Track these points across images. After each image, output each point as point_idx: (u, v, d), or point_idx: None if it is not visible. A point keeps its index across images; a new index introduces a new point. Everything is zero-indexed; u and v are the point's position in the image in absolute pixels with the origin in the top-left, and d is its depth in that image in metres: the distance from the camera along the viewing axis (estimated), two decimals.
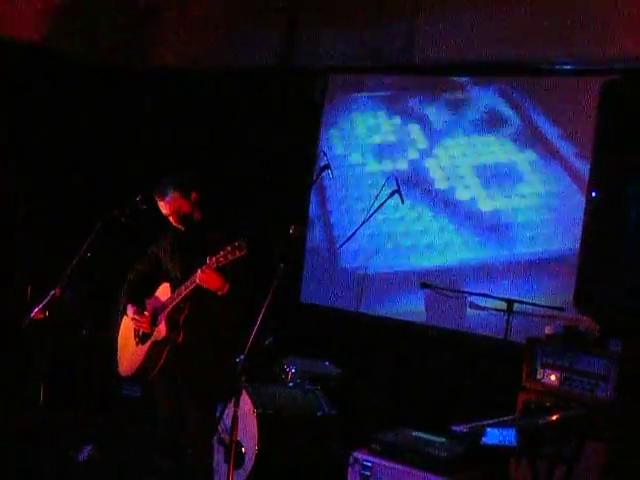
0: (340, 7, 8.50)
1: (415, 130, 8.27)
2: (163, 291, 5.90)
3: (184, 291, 5.65)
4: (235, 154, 8.85)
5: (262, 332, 5.19)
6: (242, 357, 5.22)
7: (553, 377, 6.29)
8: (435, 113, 8.17)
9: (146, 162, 9.15)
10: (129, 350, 5.99)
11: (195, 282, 5.54)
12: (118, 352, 6.14)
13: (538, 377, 6.37)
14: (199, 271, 5.48)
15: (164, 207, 5.85)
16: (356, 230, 7.76)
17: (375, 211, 7.71)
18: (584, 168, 7.22)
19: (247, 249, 5.28)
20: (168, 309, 5.74)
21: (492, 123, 7.84)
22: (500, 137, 7.79)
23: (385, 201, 7.64)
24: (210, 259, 5.41)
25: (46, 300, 5.90)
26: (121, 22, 9.16)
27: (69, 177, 8.81)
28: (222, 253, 5.35)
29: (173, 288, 5.80)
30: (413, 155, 8.25)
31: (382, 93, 8.50)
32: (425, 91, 8.26)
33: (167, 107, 9.31)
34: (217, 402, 5.75)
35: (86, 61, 8.95)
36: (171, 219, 5.88)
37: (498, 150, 7.78)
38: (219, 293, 5.60)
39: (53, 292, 5.92)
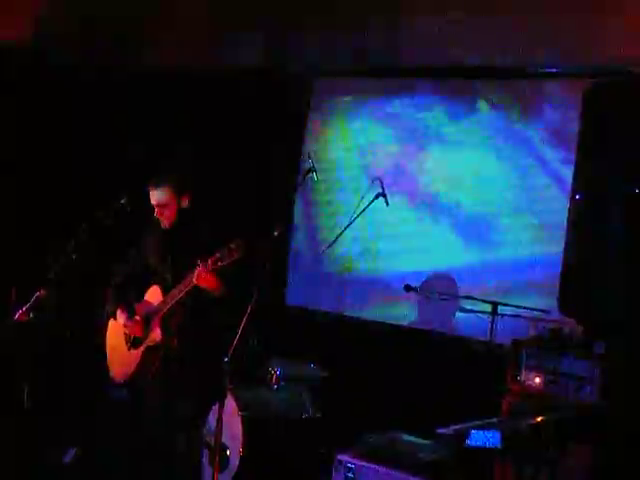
0: (325, 10, 8.48)
1: (400, 133, 8.27)
2: (153, 294, 5.88)
3: (178, 294, 5.63)
4: (219, 157, 8.79)
5: (247, 334, 5.16)
6: (227, 359, 5.19)
7: (537, 379, 6.26)
8: (420, 116, 8.16)
9: (131, 163, 9.10)
10: (120, 355, 5.95)
11: (192, 283, 5.51)
12: (108, 358, 6.09)
13: (523, 379, 6.34)
14: (196, 272, 5.44)
15: (156, 196, 5.81)
16: (340, 233, 7.76)
17: (359, 214, 7.72)
18: (568, 172, 7.23)
19: (242, 252, 5.28)
20: (161, 313, 5.71)
21: (476, 127, 7.84)
22: (484, 141, 7.79)
23: (369, 204, 7.65)
24: (206, 260, 5.37)
25: (31, 302, 5.87)
26: (107, 23, 9.10)
27: (55, 178, 8.76)
28: (219, 255, 5.33)
29: (164, 291, 5.76)
30: (398, 158, 8.24)
31: (367, 96, 8.51)
32: (409, 94, 8.25)
33: (151, 109, 9.26)
34: (209, 402, 5.74)
35: (70, 62, 8.89)
36: (158, 212, 5.83)
37: (482, 153, 7.78)
38: (215, 293, 5.58)
39: (38, 294, 5.89)
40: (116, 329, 6.05)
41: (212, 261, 5.36)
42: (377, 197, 7.62)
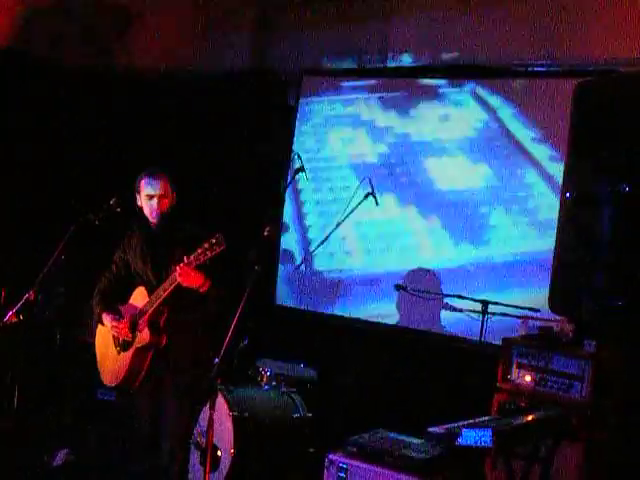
0: (313, 9, 8.49)
1: (390, 132, 8.27)
2: (139, 296, 5.83)
3: (163, 293, 5.58)
4: (209, 158, 8.79)
5: (237, 334, 5.16)
6: (217, 360, 5.18)
7: (528, 378, 6.26)
8: (409, 115, 8.16)
9: (118, 165, 9.07)
10: (111, 359, 5.91)
11: (175, 282, 5.48)
12: (98, 362, 6.06)
13: (513, 378, 6.34)
14: (178, 270, 5.42)
15: (155, 186, 5.76)
16: (330, 233, 7.77)
17: (349, 214, 7.77)
18: (558, 170, 7.18)
19: (224, 245, 5.25)
20: (148, 313, 5.67)
21: (466, 125, 7.85)
22: (474, 139, 7.80)
23: (359, 204, 7.69)
24: (188, 257, 5.35)
25: (20, 304, 5.84)
26: (91, 25, 9.07)
27: (43, 179, 8.73)
28: (200, 250, 5.30)
29: (149, 291, 5.73)
30: (388, 158, 8.25)
31: (356, 95, 8.51)
32: (400, 93, 8.25)
33: (138, 111, 9.24)
34: (197, 402, 5.72)
35: (55, 64, 8.87)
36: (156, 203, 5.76)
37: (472, 152, 7.80)
38: (201, 290, 5.55)
39: (27, 295, 5.87)
40: (104, 334, 6.01)
41: (194, 257, 5.34)
42: (367, 197, 7.69)
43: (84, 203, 6.31)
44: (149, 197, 5.77)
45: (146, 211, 5.83)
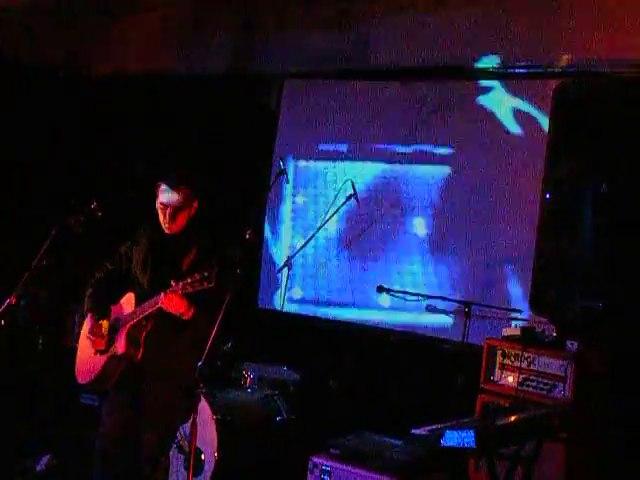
0: (294, 12, 8.48)
1: (373, 134, 8.24)
2: (127, 302, 5.72)
3: (146, 310, 5.47)
4: (190, 161, 8.68)
5: (221, 337, 5.13)
6: (200, 363, 5.16)
7: (511, 378, 6.32)
8: (392, 117, 8.14)
9: (100, 168, 9.06)
10: (87, 357, 5.80)
11: (157, 305, 5.36)
12: (77, 356, 5.99)
13: (496, 379, 6.42)
14: (162, 295, 5.31)
15: (171, 198, 5.56)
16: (313, 235, 7.78)
17: (331, 216, 7.77)
18: (538, 171, 7.24)
19: (215, 281, 5.10)
20: (129, 324, 5.56)
21: (448, 126, 7.84)
22: (456, 140, 7.79)
23: (341, 206, 7.71)
24: (176, 284, 5.24)
25: (1, 308, 5.80)
26: (70, 24, 9.04)
27: (23, 183, 8.70)
28: (189, 280, 5.16)
29: (137, 301, 5.62)
30: (371, 159, 8.24)
31: (338, 98, 8.47)
32: (382, 95, 8.23)
33: (118, 112, 9.21)
34: (174, 427, 5.71)
35: (37, 65, 8.84)
36: (168, 215, 5.59)
37: (453, 153, 7.79)
38: (184, 317, 5.42)
39: (8, 300, 5.83)
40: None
41: (182, 285, 5.21)
42: (349, 198, 7.68)
43: (65, 206, 6.26)
44: (163, 206, 5.60)
45: (160, 218, 5.66)
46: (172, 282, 5.25)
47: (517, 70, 7.52)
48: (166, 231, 5.65)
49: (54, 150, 8.98)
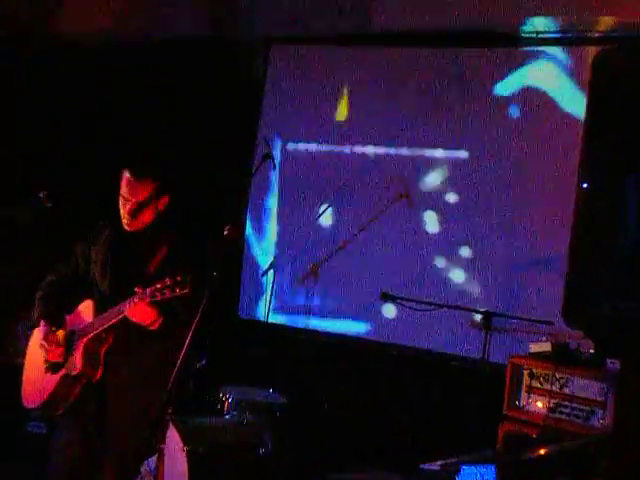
0: None
1: (377, 111, 8.24)
2: (85, 311, 5.71)
3: (108, 321, 5.45)
4: (161, 140, 8.71)
5: (193, 353, 5.10)
6: (170, 384, 5.07)
7: (540, 404, 6.27)
8: (402, 91, 8.17)
9: (53, 151, 9.01)
10: (36, 376, 5.79)
11: (122, 314, 5.35)
12: (24, 375, 5.95)
13: (522, 404, 6.36)
14: (127, 303, 5.31)
15: (134, 190, 5.54)
16: (304, 232, 7.77)
17: (326, 209, 7.93)
18: (573, 155, 7.22)
19: (190, 288, 5.11)
20: (87, 338, 5.54)
21: (468, 104, 7.86)
22: (476, 120, 7.82)
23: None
24: (143, 290, 5.22)
25: None
26: None
27: None
28: (159, 286, 5.14)
29: (97, 310, 5.60)
30: (374, 141, 8.25)
31: (332, 67, 8.50)
32: (389, 65, 8.25)
33: (81, 82, 9.17)
34: (137, 460, 5.72)
35: None
36: (129, 210, 5.56)
37: (473, 135, 7.80)
38: (151, 328, 5.41)
39: None
40: (38, 342, 5.83)
41: (150, 292, 5.19)
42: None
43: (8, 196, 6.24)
44: (124, 199, 5.59)
45: (121, 212, 5.65)
46: (138, 288, 5.24)
47: (550, 35, 7.56)
48: (126, 228, 5.65)
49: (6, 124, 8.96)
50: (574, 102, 7.40)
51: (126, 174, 5.56)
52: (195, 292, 5.13)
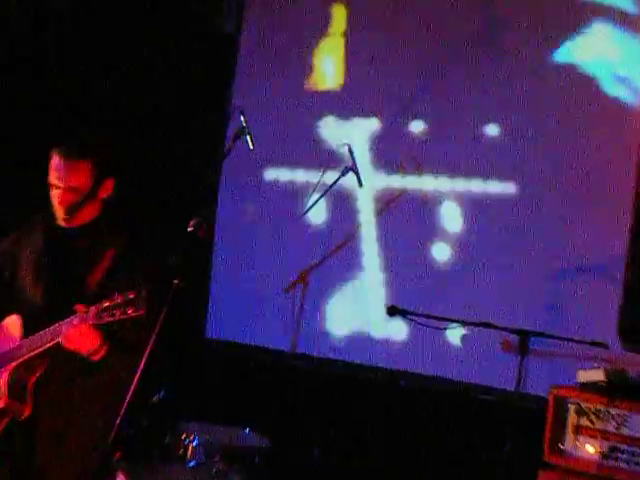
0: None
1: (383, 75, 8.15)
2: (10, 329, 5.63)
3: (40, 345, 5.33)
4: (103, 109, 8.52)
5: (148, 383, 4.92)
6: (118, 422, 4.93)
7: (591, 448, 6.16)
8: (408, 53, 8.08)
9: None
10: None
11: (56, 339, 5.24)
12: None
13: (568, 448, 6.26)
14: (65, 324, 5.18)
15: (65, 173, 5.38)
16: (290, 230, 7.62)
17: (318, 200, 7.76)
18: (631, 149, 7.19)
19: (146, 308, 4.97)
20: (12, 365, 5.41)
21: (499, 76, 7.76)
22: (510, 97, 7.73)
23: (334, 183, 7.62)
24: (86, 309, 5.09)
25: None
26: None
27: None
28: (107, 305, 5.05)
29: (25, 329, 5.46)
30: (379, 114, 8.13)
31: (323, 21, 8.43)
32: (383, 16, 8.16)
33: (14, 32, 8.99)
34: None
35: None
36: (61, 199, 5.43)
37: (508, 116, 7.71)
38: (92, 358, 5.29)
39: None
40: None
41: (95, 312, 5.10)
42: (346, 173, 7.62)
43: None
44: (54, 187, 5.47)
45: (54, 204, 5.54)
46: (79, 306, 5.14)
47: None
48: (61, 224, 5.55)
49: None
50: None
51: (55, 156, 5.41)
52: (151, 311, 5.00)
